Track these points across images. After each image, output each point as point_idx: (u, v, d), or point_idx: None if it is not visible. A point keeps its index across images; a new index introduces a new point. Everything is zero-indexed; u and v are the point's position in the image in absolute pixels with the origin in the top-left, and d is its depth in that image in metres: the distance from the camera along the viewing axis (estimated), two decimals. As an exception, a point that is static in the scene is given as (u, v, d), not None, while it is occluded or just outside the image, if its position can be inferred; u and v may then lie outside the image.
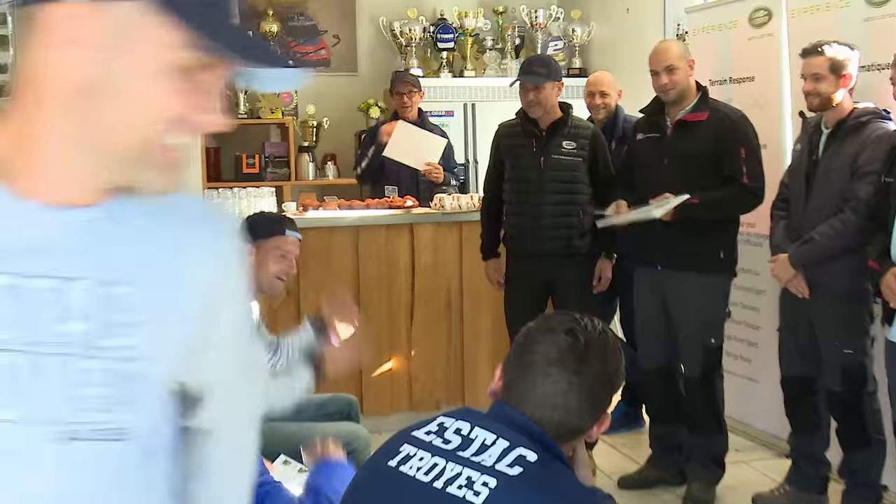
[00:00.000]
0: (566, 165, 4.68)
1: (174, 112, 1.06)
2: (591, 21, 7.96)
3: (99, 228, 1.11)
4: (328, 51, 8.20)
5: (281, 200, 5.87)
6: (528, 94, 4.66)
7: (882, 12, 4.25)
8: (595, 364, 1.89)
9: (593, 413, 1.91)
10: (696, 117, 4.28)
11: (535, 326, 1.97)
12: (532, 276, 4.75)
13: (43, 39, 1.04)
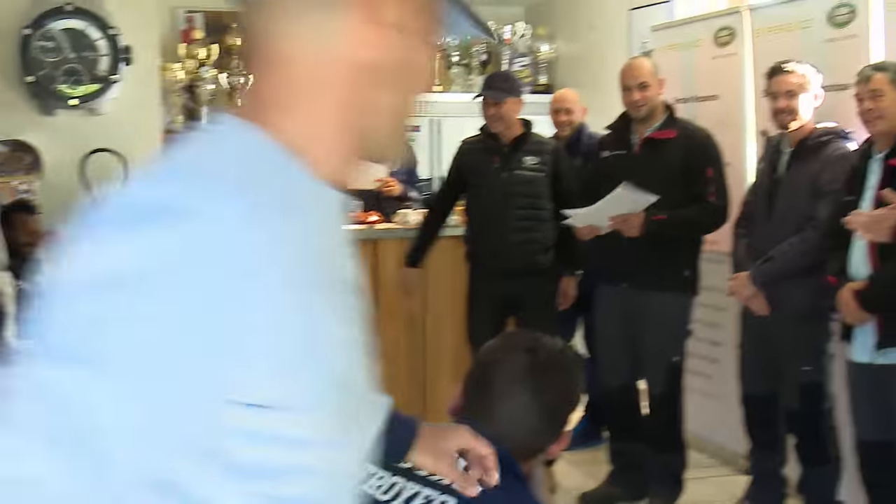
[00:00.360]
0: (529, 180, 4.68)
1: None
2: (556, 38, 8.00)
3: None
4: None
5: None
6: (489, 109, 4.68)
7: (843, 33, 4.29)
8: (555, 382, 1.90)
9: (553, 431, 1.91)
10: (665, 135, 4.30)
11: (494, 345, 1.98)
12: (495, 293, 4.74)
13: (328, 20, 0.99)
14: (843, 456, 4.04)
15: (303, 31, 1.00)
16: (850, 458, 3.89)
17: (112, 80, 5.44)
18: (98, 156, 5.40)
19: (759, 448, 4.29)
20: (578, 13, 7.68)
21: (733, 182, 4.73)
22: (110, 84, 5.45)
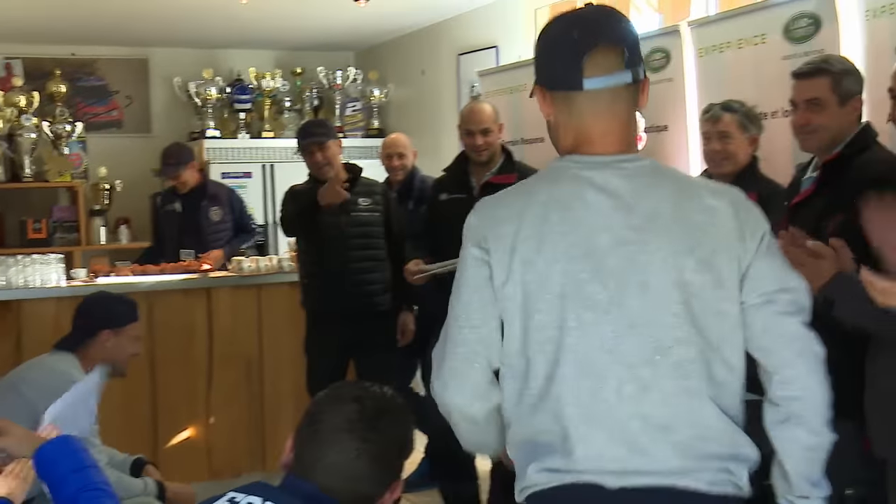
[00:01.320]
0: (366, 221, 4.70)
1: None
2: (388, 82, 8.08)
3: None
4: (120, 112, 8.00)
5: (70, 267, 5.63)
6: (315, 156, 4.67)
7: (658, 77, 4.48)
8: (384, 431, 1.90)
9: (384, 480, 1.92)
10: (505, 179, 4.35)
11: (323, 396, 1.98)
12: (334, 339, 4.72)
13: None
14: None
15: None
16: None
17: (-77, 129, 5.19)
18: None
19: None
20: (408, 58, 7.78)
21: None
22: (-78, 134, 5.20)
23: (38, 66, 7.73)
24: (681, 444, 1.73)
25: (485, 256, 1.84)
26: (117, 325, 3.54)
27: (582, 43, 1.83)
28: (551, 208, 1.81)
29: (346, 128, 8.06)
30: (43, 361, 3.49)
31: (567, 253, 1.77)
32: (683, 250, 1.77)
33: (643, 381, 1.73)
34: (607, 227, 1.78)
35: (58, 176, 7.31)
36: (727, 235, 1.80)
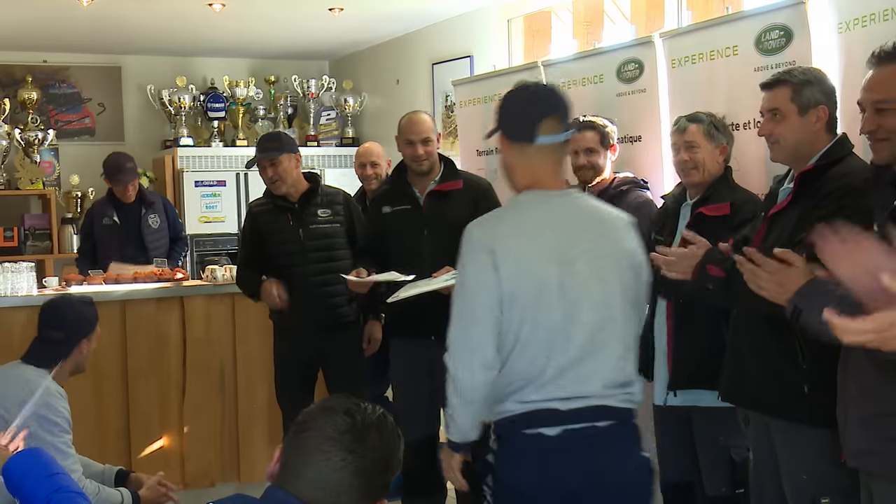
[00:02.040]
0: (326, 233, 4.66)
1: None
2: (362, 91, 8.08)
3: None
4: (93, 119, 7.96)
5: (42, 275, 5.60)
6: (267, 172, 4.62)
7: (631, 88, 4.50)
8: (371, 446, 1.92)
9: (368, 496, 1.93)
10: (451, 186, 4.38)
11: (314, 407, 2.00)
12: (301, 352, 4.70)
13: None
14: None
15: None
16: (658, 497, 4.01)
17: None
18: None
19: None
20: (383, 67, 7.79)
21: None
22: None
23: (9, 73, 7.68)
24: (605, 380, 2.59)
25: (496, 266, 2.54)
26: (93, 331, 3.56)
27: (538, 112, 2.63)
28: (538, 226, 2.62)
29: (321, 136, 8.06)
30: (11, 372, 3.44)
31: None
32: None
33: (589, 342, 2.59)
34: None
35: (29, 184, 7.27)
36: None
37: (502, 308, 2.53)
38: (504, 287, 2.53)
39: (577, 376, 2.57)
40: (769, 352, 2.98)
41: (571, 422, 2.55)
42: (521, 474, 2.58)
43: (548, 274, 2.55)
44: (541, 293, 2.55)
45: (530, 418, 2.56)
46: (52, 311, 3.60)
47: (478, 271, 2.56)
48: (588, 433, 2.56)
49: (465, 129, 5.68)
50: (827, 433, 2.76)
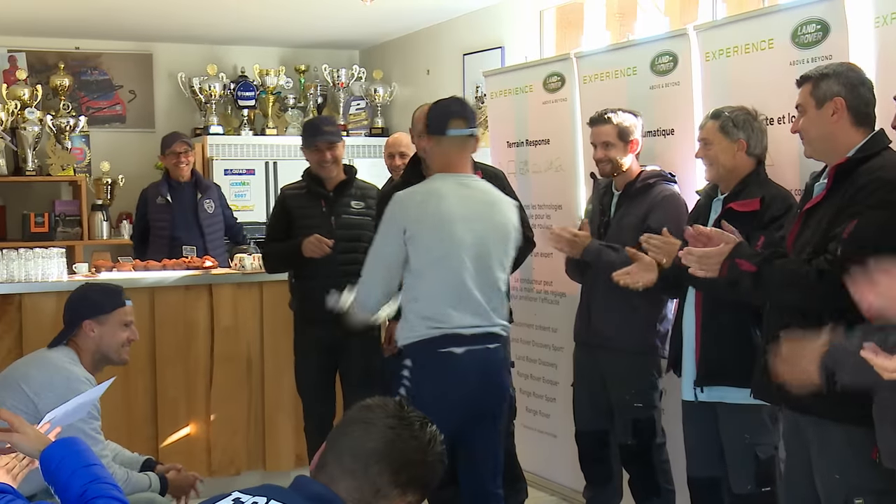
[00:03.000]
0: (357, 225, 4.67)
1: None
2: (392, 81, 8.07)
3: None
4: (124, 106, 7.99)
5: (72, 261, 5.63)
6: (325, 154, 4.65)
7: (665, 80, 4.46)
8: (411, 431, 1.94)
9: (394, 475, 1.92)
10: None
11: (358, 406, 2.02)
12: (321, 342, 4.71)
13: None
14: (674, 489, 4.16)
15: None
16: (684, 490, 4.00)
17: (-73, 122, 5.18)
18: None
19: (594, 484, 4.37)
20: (413, 57, 7.77)
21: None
22: (-75, 126, 5.19)
23: (42, 60, 7.72)
24: (492, 314, 3.59)
25: (403, 229, 3.52)
26: (100, 314, 3.53)
27: (449, 114, 3.66)
28: (443, 199, 3.56)
29: (350, 126, 8.06)
30: (42, 358, 3.47)
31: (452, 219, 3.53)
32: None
33: (481, 285, 3.56)
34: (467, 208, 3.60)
35: (60, 170, 7.31)
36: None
37: (412, 259, 3.52)
38: (411, 245, 3.51)
39: (474, 311, 3.54)
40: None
41: (472, 343, 3.53)
42: (435, 381, 3.51)
43: (455, 234, 3.52)
44: (449, 249, 3.52)
45: (441, 341, 3.50)
46: (68, 297, 3.66)
47: (388, 235, 3.57)
48: (483, 352, 3.57)
49: (495, 120, 5.65)
50: (861, 432, 2.73)
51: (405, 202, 3.58)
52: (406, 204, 3.57)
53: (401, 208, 3.57)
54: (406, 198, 3.59)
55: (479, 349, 3.56)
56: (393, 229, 3.56)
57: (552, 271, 4.81)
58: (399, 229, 3.53)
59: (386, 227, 3.60)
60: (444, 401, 3.43)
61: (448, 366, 3.52)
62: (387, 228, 3.59)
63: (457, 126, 3.62)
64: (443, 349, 3.51)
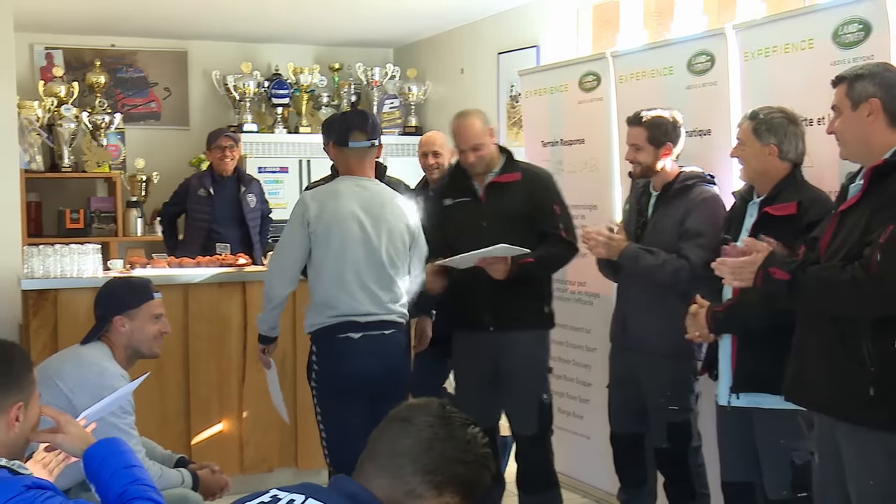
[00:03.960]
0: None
1: None
2: (426, 80, 8.06)
3: None
4: (158, 104, 8.03)
5: (107, 257, 5.65)
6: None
7: (702, 80, 4.42)
8: (449, 431, 1.91)
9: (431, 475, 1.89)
10: (509, 178, 4.37)
11: (402, 405, 2.01)
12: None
13: None
14: (710, 493, 4.12)
15: None
16: (720, 495, 3.96)
17: (-34, 118, 5.22)
18: (-50, 197, 5.17)
19: (628, 486, 4.33)
20: (447, 56, 7.76)
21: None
22: (-36, 122, 5.23)
23: (79, 57, 7.77)
24: (389, 303, 4.02)
25: (307, 223, 3.95)
26: (129, 309, 3.53)
27: (350, 128, 4.11)
28: (341, 198, 4.00)
29: (384, 125, 8.04)
30: (77, 354, 3.49)
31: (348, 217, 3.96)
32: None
33: (378, 278, 4.00)
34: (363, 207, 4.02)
35: (96, 166, 7.36)
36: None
37: (314, 253, 3.95)
38: (314, 239, 3.94)
39: (369, 300, 3.96)
40: (835, 354, 2.92)
41: (368, 329, 3.95)
42: (337, 363, 3.98)
43: (351, 229, 3.95)
44: (345, 243, 3.94)
45: (340, 327, 3.94)
46: (97, 293, 3.67)
47: (294, 228, 3.98)
48: (379, 337, 3.98)
49: (530, 119, 5.62)
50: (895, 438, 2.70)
51: (309, 201, 4.00)
52: (310, 203, 3.99)
53: (306, 206, 3.98)
54: (310, 197, 4.03)
55: (376, 335, 3.98)
56: (298, 226, 3.97)
57: (586, 272, 4.77)
58: (304, 225, 3.95)
59: (292, 223, 4.01)
60: (345, 381, 3.98)
61: (347, 350, 3.95)
62: (293, 225, 4.00)
63: (357, 139, 4.07)
64: (341, 335, 3.96)
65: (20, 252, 5.24)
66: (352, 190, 4.04)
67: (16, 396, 2.31)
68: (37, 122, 7.11)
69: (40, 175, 7.22)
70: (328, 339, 4.01)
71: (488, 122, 4.41)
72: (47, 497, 2.14)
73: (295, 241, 3.99)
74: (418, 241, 4.18)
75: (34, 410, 2.38)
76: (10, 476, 2.18)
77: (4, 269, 5.22)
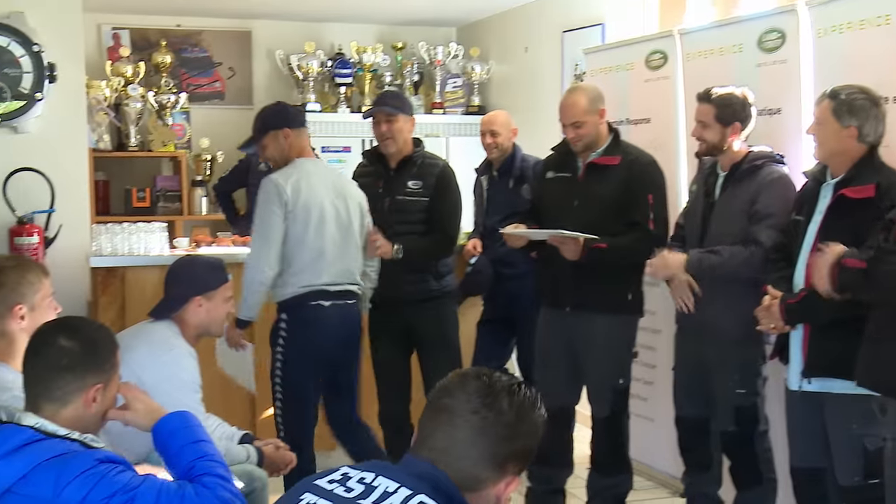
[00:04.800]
0: (413, 207, 4.62)
1: None
2: (489, 59, 8.01)
3: None
4: (223, 83, 8.08)
5: (173, 236, 5.72)
6: (381, 127, 4.60)
7: (772, 58, 4.34)
8: (498, 410, 1.88)
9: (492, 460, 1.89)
10: (608, 161, 4.25)
11: (447, 380, 1.97)
12: (394, 323, 4.71)
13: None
14: (777, 477, 4.07)
15: None
16: (787, 480, 3.90)
17: (36, 97, 5.30)
18: (21, 175, 5.25)
19: (694, 470, 4.29)
20: (511, 35, 7.70)
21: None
22: (34, 102, 5.31)
23: (145, 37, 7.84)
24: (350, 275, 4.29)
25: (284, 204, 4.11)
26: (208, 290, 3.56)
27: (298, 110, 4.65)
28: (311, 177, 4.21)
29: (446, 104, 8.03)
30: (147, 331, 3.52)
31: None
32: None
33: (342, 253, 4.24)
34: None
35: (162, 146, 7.43)
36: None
37: (290, 230, 4.10)
38: (292, 218, 4.09)
39: (339, 271, 4.21)
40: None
41: (336, 299, 4.20)
42: (305, 330, 4.17)
43: (326, 206, 4.17)
44: (323, 217, 4.16)
45: (312, 296, 4.16)
46: (171, 269, 3.69)
47: (272, 212, 4.10)
48: (344, 306, 4.24)
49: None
50: None
51: (282, 183, 4.12)
52: (283, 185, 4.12)
53: (280, 189, 4.11)
54: (280, 179, 4.14)
55: (342, 304, 4.23)
56: (276, 209, 4.10)
57: (652, 253, 4.73)
58: (282, 206, 4.10)
59: (269, 208, 4.11)
60: (313, 347, 4.18)
61: (317, 317, 4.16)
62: (270, 209, 4.11)
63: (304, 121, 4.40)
64: (313, 302, 4.16)
65: (89, 230, 5.33)
66: (317, 169, 4.29)
67: (96, 378, 2.34)
68: (104, 101, 7.19)
69: (108, 154, 7.31)
70: (299, 308, 4.18)
71: (599, 101, 4.28)
72: (119, 471, 2.17)
73: (275, 224, 4.10)
74: (368, 217, 4.43)
75: (112, 392, 2.41)
76: (83, 449, 2.21)
77: (74, 248, 5.31)
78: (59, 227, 5.31)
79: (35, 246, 5.17)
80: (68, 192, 5.37)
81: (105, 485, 2.13)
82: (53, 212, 5.30)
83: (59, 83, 5.38)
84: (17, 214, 5.19)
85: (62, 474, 2.12)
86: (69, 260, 5.18)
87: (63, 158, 5.40)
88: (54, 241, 5.29)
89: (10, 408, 2.29)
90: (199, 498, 2.21)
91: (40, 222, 5.27)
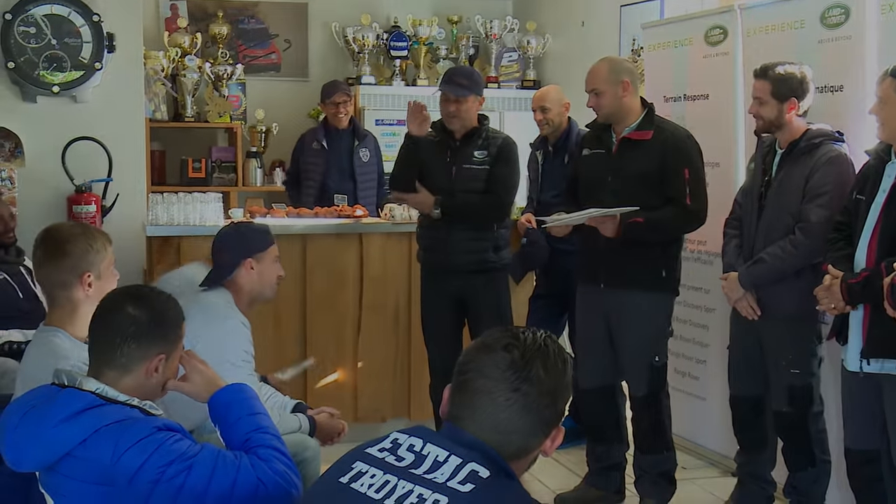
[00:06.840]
0: (477, 176, 4.63)
1: None
2: (546, 33, 7.95)
3: None
4: (279, 55, 8.10)
5: (227, 206, 5.76)
6: (448, 106, 4.61)
7: (835, 34, 4.25)
8: (535, 380, 1.86)
9: (540, 429, 1.89)
10: (641, 136, 4.21)
11: (473, 346, 1.95)
12: (447, 292, 4.73)
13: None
14: (831, 459, 4.02)
15: None
16: (840, 462, 3.86)
17: (95, 67, 5.35)
18: (79, 144, 5.32)
19: (747, 450, 4.26)
20: (568, 8, 7.63)
21: (722, 182, 4.69)
22: (93, 71, 5.36)
23: (202, 8, 7.88)
24: None
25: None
26: (258, 252, 3.58)
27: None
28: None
29: (502, 78, 7.99)
30: (201, 300, 3.50)
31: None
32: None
33: None
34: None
35: (217, 117, 7.48)
36: None
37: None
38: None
39: None
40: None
41: None
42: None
43: None
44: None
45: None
46: (218, 237, 3.70)
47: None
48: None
49: (652, 73, 5.50)
50: None
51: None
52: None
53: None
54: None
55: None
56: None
57: (706, 231, 4.66)
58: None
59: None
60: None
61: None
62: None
63: None
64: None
65: (145, 200, 5.38)
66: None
67: (160, 348, 2.36)
68: (161, 72, 7.25)
69: (164, 124, 7.38)
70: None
71: (623, 73, 4.22)
72: (176, 440, 2.19)
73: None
74: None
75: (174, 363, 2.43)
76: (142, 416, 2.24)
77: (130, 217, 5.38)
78: (116, 195, 5.38)
79: (93, 214, 5.24)
80: (125, 161, 5.44)
81: (163, 453, 2.15)
82: (111, 181, 5.37)
83: (118, 53, 5.43)
84: (76, 183, 5.27)
85: (121, 440, 2.14)
86: (125, 229, 5.24)
87: (120, 128, 5.46)
88: (111, 209, 5.36)
89: (72, 372, 2.32)
90: (255, 469, 2.24)
91: (98, 191, 5.34)
